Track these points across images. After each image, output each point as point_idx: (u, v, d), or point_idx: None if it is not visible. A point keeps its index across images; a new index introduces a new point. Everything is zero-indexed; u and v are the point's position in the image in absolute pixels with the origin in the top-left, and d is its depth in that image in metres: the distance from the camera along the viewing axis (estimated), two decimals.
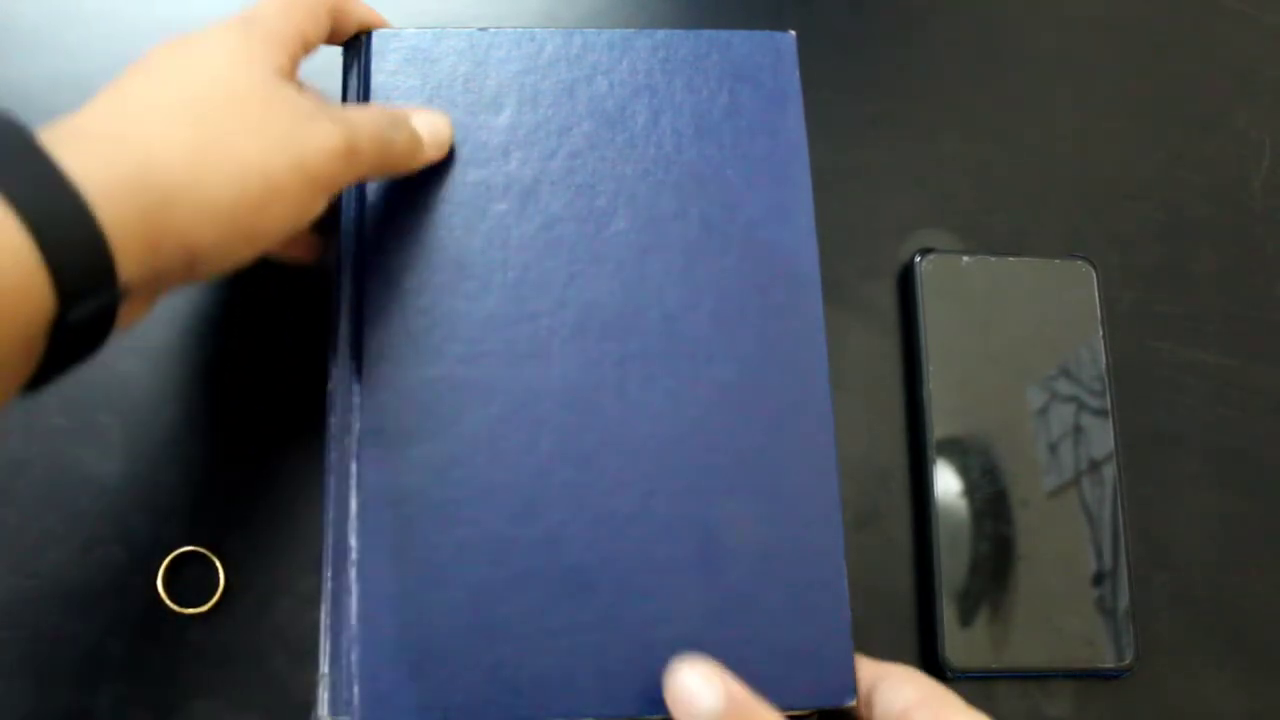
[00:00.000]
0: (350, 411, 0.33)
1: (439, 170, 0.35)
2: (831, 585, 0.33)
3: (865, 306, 0.42)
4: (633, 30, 0.37)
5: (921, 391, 0.40)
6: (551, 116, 0.36)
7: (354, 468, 0.32)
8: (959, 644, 0.37)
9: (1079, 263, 0.42)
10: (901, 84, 0.46)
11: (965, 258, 0.42)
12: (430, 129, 0.34)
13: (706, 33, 0.37)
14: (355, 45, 0.37)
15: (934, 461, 0.39)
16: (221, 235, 0.28)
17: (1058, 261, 0.42)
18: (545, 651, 0.31)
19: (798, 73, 0.37)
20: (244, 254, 0.29)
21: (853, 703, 0.32)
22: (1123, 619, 0.38)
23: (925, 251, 0.42)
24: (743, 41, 0.37)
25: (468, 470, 0.32)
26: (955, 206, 0.44)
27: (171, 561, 0.37)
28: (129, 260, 0.26)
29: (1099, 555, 0.39)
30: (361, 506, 0.32)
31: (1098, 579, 0.39)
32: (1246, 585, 0.41)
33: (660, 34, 0.37)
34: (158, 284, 0.28)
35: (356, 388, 0.33)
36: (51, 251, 0.24)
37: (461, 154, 0.35)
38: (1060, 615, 0.38)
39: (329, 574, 0.32)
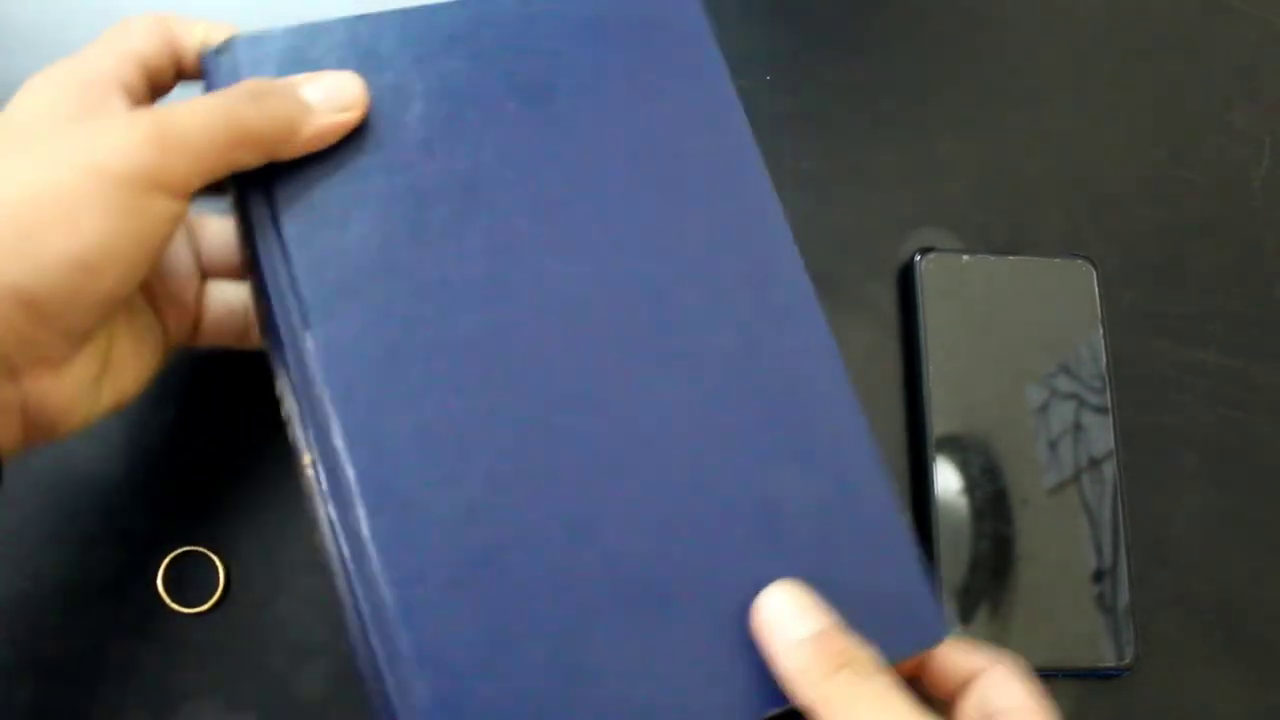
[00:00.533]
0: (344, 487, 0.28)
1: (359, 183, 0.30)
2: (892, 526, 0.31)
3: (865, 306, 0.42)
4: None
5: (921, 390, 0.40)
6: (468, 102, 0.32)
7: (371, 550, 0.27)
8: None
9: (1079, 262, 0.42)
10: (901, 84, 0.46)
11: (965, 257, 0.42)
12: (326, 93, 0.30)
13: None
14: (213, 64, 0.31)
15: (934, 460, 0.39)
16: (38, 267, 0.26)
17: (1058, 261, 0.42)
18: (641, 680, 0.28)
19: (699, 6, 0.35)
20: (95, 285, 0.27)
21: (945, 640, 0.30)
22: (1123, 617, 0.38)
23: (925, 251, 0.42)
24: None
25: (499, 511, 0.28)
26: (955, 206, 0.44)
27: (171, 561, 0.37)
28: None
29: (1099, 553, 0.39)
30: (396, 598, 0.27)
31: (1098, 577, 0.39)
32: (1246, 585, 0.41)
33: None
34: (20, 344, 0.27)
35: (345, 455, 0.28)
36: None
37: (380, 161, 0.31)
38: (1060, 614, 0.38)
39: (366, 668, 0.28)
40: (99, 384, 0.31)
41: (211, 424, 0.39)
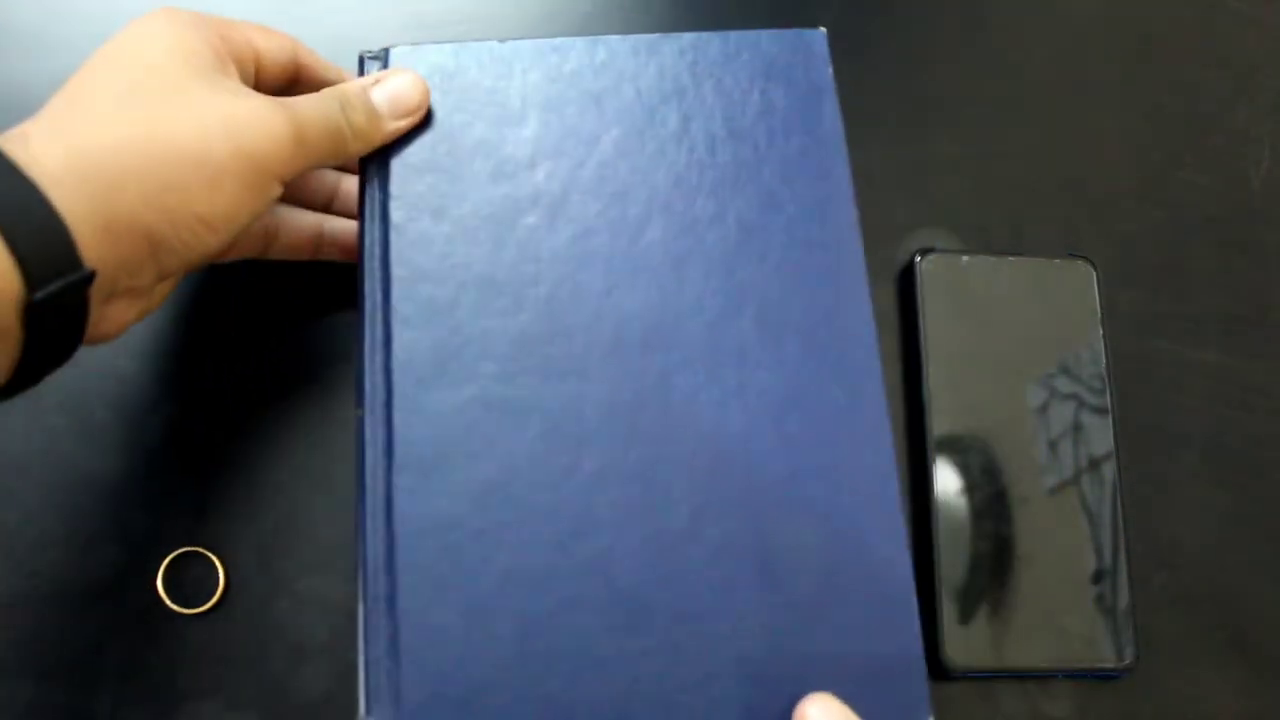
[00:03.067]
0: (381, 439, 0.32)
1: (464, 186, 0.34)
2: (899, 599, 0.31)
3: None
4: (658, 35, 0.36)
5: (921, 391, 0.40)
6: (578, 126, 0.35)
7: (389, 497, 0.31)
8: (959, 643, 0.37)
9: (1079, 262, 0.42)
10: (901, 84, 0.46)
11: (965, 258, 0.42)
12: (390, 100, 0.34)
13: (734, 34, 0.36)
14: (369, 68, 0.36)
15: (934, 460, 0.39)
16: (173, 219, 0.29)
17: (1058, 261, 0.42)
18: (599, 682, 0.30)
19: (830, 68, 0.36)
20: (209, 241, 0.30)
21: None
22: (1123, 618, 0.38)
23: (925, 251, 0.42)
24: (772, 41, 0.36)
25: (508, 494, 0.31)
26: (955, 206, 0.44)
27: (171, 561, 0.37)
28: (89, 245, 0.27)
29: (1099, 554, 0.39)
30: (400, 539, 0.31)
31: (1097, 578, 0.39)
32: (1246, 585, 0.41)
33: (687, 37, 0.36)
34: (130, 274, 0.30)
35: (387, 414, 0.32)
36: (12, 235, 0.26)
37: (486, 168, 0.34)
38: (1060, 614, 0.38)
39: (364, 608, 0.31)
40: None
41: (211, 424, 0.39)
